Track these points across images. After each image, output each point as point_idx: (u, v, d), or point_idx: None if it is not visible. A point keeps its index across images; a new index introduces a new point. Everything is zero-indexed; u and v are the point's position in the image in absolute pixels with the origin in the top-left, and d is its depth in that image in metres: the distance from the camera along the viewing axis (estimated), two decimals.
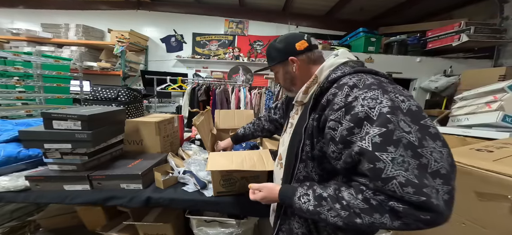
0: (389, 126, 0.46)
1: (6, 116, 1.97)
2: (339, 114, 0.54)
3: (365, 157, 0.47)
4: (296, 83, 0.77)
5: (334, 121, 0.54)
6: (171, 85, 3.15)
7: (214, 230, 1.00)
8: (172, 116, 1.34)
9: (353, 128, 0.50)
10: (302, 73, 0.74)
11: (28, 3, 4.07)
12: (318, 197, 0.56)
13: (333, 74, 0.63)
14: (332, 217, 0.53)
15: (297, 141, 0.66)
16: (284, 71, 0.78)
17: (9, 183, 0.87)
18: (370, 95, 0.51)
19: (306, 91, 0.70)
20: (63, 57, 3.03)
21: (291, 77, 0.77)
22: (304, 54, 0.73)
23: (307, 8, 4.14)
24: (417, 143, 0.45)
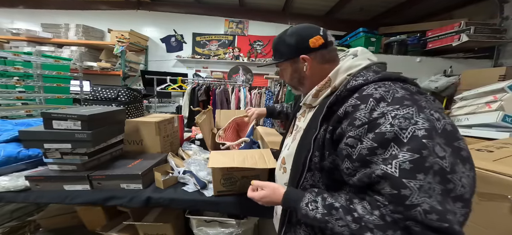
0: (424, 152, 0.41)
1: (6, 116, 1.97)
2: (361, 131, 0.47)
3: (389, 182, 0.43)
4: (304, 83, 0.69)
5: (354, 138, 0.48)
6: (171, 85, 3.15)
7: (214, 230, 1.00)
8: (172, 116, 1.34)
9: (376, 149, 0.45)
10: (313, 74, 0.66)
11: (28, 3, 4.07)
12: (329, 206, 0.52)
13: (354, 81, 0.55)
14: (340, 226, 0.49)
15: (305, 150, 0.60)
16: (292, 70, 0.69)
17: (9, 183, 0.87)
18: (403, 114, 0.44)
19: (316, 95, 0.63)
20: (63, 57, 3.03)
21: (300, 76, 0.69)
22: (318, 52, 0.64)
23: (307, 8, 4.14)
24: (449, 169, 0.41)
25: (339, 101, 0.55)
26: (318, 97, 0.64)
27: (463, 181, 0.42)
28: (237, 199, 0.90)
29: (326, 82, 0.62)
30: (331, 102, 0.56)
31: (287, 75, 0.72)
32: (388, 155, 0.44)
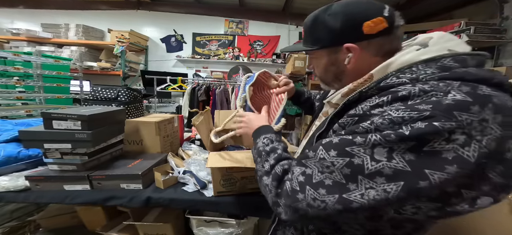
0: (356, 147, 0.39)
1: (6, 116, 1.97)
2: (346, 121, 0.45)
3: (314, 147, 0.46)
4: (342, 81, 0.54)
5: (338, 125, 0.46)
6: (171, 85, 3.15)
7: (214, 230, 1.00)
8: (172, 116, 1.34)
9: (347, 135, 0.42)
10: (358, 69, 0.49)
11: (28, 3, 4.07)
12: (272, 149, 0.56)
13: (394, 79, 0.41)
14: (260, 165, 0.56)
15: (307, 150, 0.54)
16: (328, 61, 0.54)
17: (9, 183, 0.87)
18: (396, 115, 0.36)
19: (348, 94, 0.49)
20: (63, 57, 3.03)
21: (337, 71, 0.54)
22: (374, 40, 0.47)
23: (307, 8, 4.14)
24: (365, 172, 0.37)
25: (359, 99, 0.45)
26: (349, 95, 0.49)
27: (369, 192, 0.36)
28: (237, 199, 0.90)
29: (366, 79, 0.46)
30: (351, 99, 0.46)
31: (320, 67, 0.57)
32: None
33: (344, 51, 0.50)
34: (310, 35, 0.56)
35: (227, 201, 0.90)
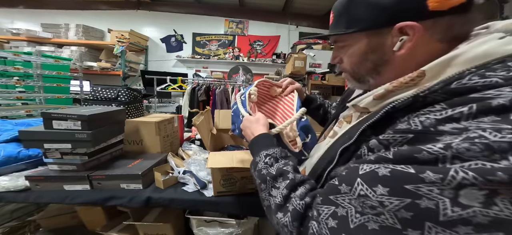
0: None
1: (6, 116, 1.97)
2: (395, 138, 0.32)
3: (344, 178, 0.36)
4: (381, 72, 0.42)
5: (377, 141, 0.35)
6: (171, 85, 3.15)
7: (214, 230, 1.00)
8: (172, 116, 1.34)
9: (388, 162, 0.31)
10: (412, 58, 0.38)
11: (28, 3, 4.07)
12: (281, 172, 0.45)
13: (475, 78, 0.30)
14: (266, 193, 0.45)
15: (326, 161, 0.44)
16: (368, 48, 0.42)
17: (9, 183, 0.87)
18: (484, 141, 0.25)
19: (384, 96, 0.39)
20: (63, 57, 3.03)
21: (379, 60, 0.41)
22: (445, 18, 0.35)
23: (307, 8, 4.15)
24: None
25: (414, 107, 0.33)
26: (384, 98, 0.39)
27: None
28: (237, 199, 0.90)
29: (413, 79, 0.35)
30: (398, 106, 0.35)
31: (354, 56, 0.44)
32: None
33: (395, 33, 0.38)
34: (344, 16, 0.43)
35: (227, 201, 0.90)
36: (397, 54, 0.39)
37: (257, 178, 0.48)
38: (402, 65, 0.39)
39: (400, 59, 0.39)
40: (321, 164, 0.46)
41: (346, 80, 0.51)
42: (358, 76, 0.47)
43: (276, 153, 0.48)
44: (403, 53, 0.38)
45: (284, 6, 4.17)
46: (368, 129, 0.38)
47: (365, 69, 0.44)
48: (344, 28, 0.43)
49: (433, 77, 0.34)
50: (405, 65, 0.39)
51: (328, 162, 0.43)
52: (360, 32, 0.42)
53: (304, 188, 0.42)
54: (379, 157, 0.32)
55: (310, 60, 3.38)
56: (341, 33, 0.44)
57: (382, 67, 0.42)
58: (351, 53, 0.45)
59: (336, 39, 0.48)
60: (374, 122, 0.37)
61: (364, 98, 0.43)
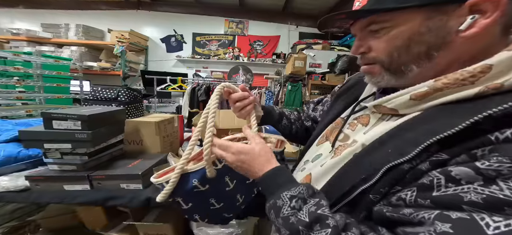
0: None
1: (6, 116, 1.97)
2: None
3: None
4: (433, 59, 0.34)
5: (482, 171, 0.25)
6: (171, 85, 3.15)
7: (214, 230, 1.00)
8: (172, 116, 1.34)
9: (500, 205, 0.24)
10: (479, 42, 0.32)
11: (28, 3, 4.07)
12: (317, 218, 0.33)
13: None
14: None
15: (357, 178, 0.36)
16: (425, 27, 0.33)
17: (9, 183, 0.87)
18: None
19: (428, 95, 0.33)
20: (63, 57, 3.03)
21: (436, 43, 0.33)
22: None
23: (307, 8, 4.15)
24: None
25: (503, 117, 0.26)
26: (427, 99, 0.33)
27: None
28: None
29: (479, 72, 0.30)
30: (497, 115, 0.26)
31: (398, 39, 0.35)
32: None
33: (464, 11, 0.31)
34: None
35: None
36: (463, 35, 0.31)
37: (282, 227, 0.36)
38: (463, 51, 0.32)
39: (464, 43, 0.32)
40: (347, 179, 0.37)
41: (369, 74, 0.42)
42: (397, 65, 0.37)
43: (303, 191, 0.37)
44: (474, 32, 0.31)
45: (284, 6, 4.17)
46: (435, 144, 0.29)
47: (413, 54, 0.35)
48: (393, 3, 0.34)
49: (502, 74, 0.28)
50: (466, 51, 0.32)
51: (362, 180, 0.35)
52: (418, 8, 0.33)
53: (352, 234, 0.32)
54: (493, 199, 0.24)
55: (310, 60, 3.39)
56: (390, 8, 0.34)
57: (438, 51, 0.33)
58: (395, 35, 0.36)
59: (371, 20, 0.37)
60: (448, 135, 0.28)
61: (395, 97, 0.36)
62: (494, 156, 0.25)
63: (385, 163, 0.32)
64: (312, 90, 3.58)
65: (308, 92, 3.48)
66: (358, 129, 0.44)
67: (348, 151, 0.41)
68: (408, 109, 0.36)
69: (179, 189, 0.53)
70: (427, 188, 0.29)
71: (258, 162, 0.44)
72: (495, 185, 0.24)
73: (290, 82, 3.45)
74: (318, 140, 0.55)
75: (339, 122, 0.51)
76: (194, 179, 0.53)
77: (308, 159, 0.53)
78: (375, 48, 0.39)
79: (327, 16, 0.42)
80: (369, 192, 0.34)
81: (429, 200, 0.28)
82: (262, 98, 3.54)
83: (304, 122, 0.77)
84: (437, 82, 0.32)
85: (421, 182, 0.30)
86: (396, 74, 0.38)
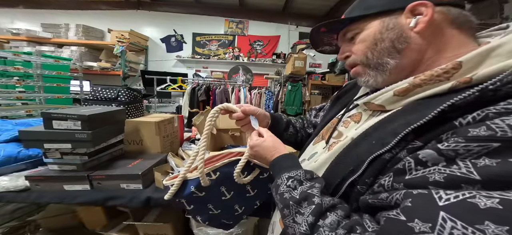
0: None
1: (6, 116, 1.97)
2: (473, 148, 0.26)
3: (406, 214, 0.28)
4: (402, 52, 0.40)
5: (444, 151, 0.28)
6: (171, 85, 3.16)
7: (214, 230, 1.00)
8: (172, 116, 1.34)
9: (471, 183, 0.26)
10: (431, 36, 0.38)
11: (28, 3, 4.07)
12: (306, 195, 0.38)
13: None
14: (292, 221, 0.38)
15: (346, 170, 0.39)
16: (383, 26, 0.41)
17: (9, 183, 0.87)
18: None
19: (409, 90, 0.37)
20: (63, 57, 3.03)
21: (396, 37, 0.40)
22: (451, 5, 0.38)
23: (307, 8, 4.15)
24: None
25: (472, 105, 0.29)
26: (408, 95, 0.37)
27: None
28: None
29: (451, 69, 0.33)
30: (457, 104, 0.30)
31: (368, 40, 0.43)
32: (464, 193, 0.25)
33: (408, 15, 0.39)
34: (358, 7, 0.45)
35: None
36: (414, 30, 0.38)
37: (279, 202, 0.42)
38: (422, 44, 0.39)
39: (420, 38, 0.39)
40: (337, 171, 0.40)
41: (357, 76, 0.48)
42: (374, 61, 0.43)
43: (300, 174, 0.41)
44: (420, 29, 0.38)
45: (284, 6, 4.17)
46: (412, 133, 0.33)
47: (383, 50, 0.41)
48: (358, 12, 0.44)
49: (471, 69, 0.32)
50: (426, 44, 0.39)
51: (350, 171, 0.38)
52: (374, 15, 0.42)
53: (335, 215, 0.35)
54: (452, 178, 0.27)
55: (310, 60, 3.39)
56: (354, 16, 0.44)
57: (402, 44, 0.40)
58: (363, 37, 0.44)
59: (346, 29, 0.47)
60: (425, 124, 0.31)
61: (380, 94, 0.41)
62: (453, 137, 0.28)
63: (369, 154, 0.36)
64: (312, 90, 3.57)
65: (308, 92, 3.48)
66: (351, 126, 0.48)
67: (339, 146, 0.44)
68: (393, 104, 0.40)
69: (182, 192, 0.62)
70: (401, 172, 0.32)
71: (269, 151, 0.51)
72: (455, 165, 0.27)
73: (290, 82, 3.45)
74: (314, 140, 0.58)
75: (335, 121, 0.55)
76: (192, 186, 0.61)
77: (305, 158, 0.56)
78: (353, 51, 0.46)
79: (312, 31, 0.50)
80: (357, 183, 0.37)
81: (402, 183, 0.31)
82: (262, 98, 3.54)
83: (307, 129, 0.80)
84: (416, 79, 0.37)
85: (397, 167, 0.33)
86: (377, 69, 0.43)
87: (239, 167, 0.61)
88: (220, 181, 0.63)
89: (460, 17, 0.38)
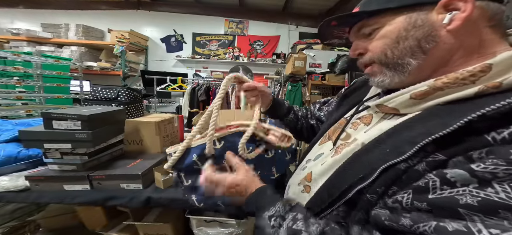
0: None
1: (6, 116, 1.97)
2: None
3: None
4: (428, 52, 0.35)
5: (480, 173, 0.25)
6: (171, 85, 3.15)
7: (214, 230, 1.00)
8: (172, 116, 1.34)
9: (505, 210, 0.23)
10: (457, 44, 0.34)
11: (28, 3, 4.07)
12: (293, 231, 0.37)
13: None
14: None
15: (355, 177, 0.36)
16: (409, 24, 0.35)
17: (9, 183, 0.87)
18: None
19: (427, 94, 0.33)
20: (63, 57, 3.03)
21: (424, 36, 0.35)
22: (486, 0, 0.33)
23: (307, 8, 4.15)
24: None
25: (506, 117, 0.26)
26: (427, 99, 0.34)
27: None
28: None
29: (479, 72, 0.30)
30: (488, 115, 0.26)
31: (388, 37, 0.38)
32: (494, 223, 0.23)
33: (441, 9, 0.34)
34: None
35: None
36: (449, 28, 0.33)
37: None
38: (454, 45, 0.34)
39: (451, 37, 0.33)
40: (345, 177, 0.38)
41: (372, 75, 0.43)
42: (394, 61, 0.38)
43: (279, 210, 0.41)
44: (457, 26, 0.32)
45: (284, 6, 4.16)
46: (434, 143, 0.29)
47: (405, 49, 0.36)
48: (376, 4, 0.38)
49: (502, 72, 0.29)
50: (458, 45, 0.34)
51: (359, 179, 0.35)
52: (399, 10, 0.36)
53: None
54: (487, 203, 0.24)
55: (310, 60, 3.38)
56: (374, 10, 0.38)
57: (430, 44, 0.35)
58: (384, 34, 0.38)
59: (363, 24, 0.41)
60: (443, 135, 0.28)
61: (395, 96, 0.37)
62: (490, 158, 0.25)
63: (382, 162, 0.33)
64: (312, 90, 3.57)
65: (308, 92, 3.48)
66: (360, 128, 0.45)
67: (348, 150, 0.41)
68: (409, 108, 0.36)
69: (182, 162, 0.59)
70: (422, 190, 0.29)
71: (240, 191, 0.49)
72: (491, 188, 0.24)
73: (290, 82, 3.45)
74: (320, 140, 0.56)
75: (342, 122, 0.52)
76: (194, 154, 0.58)
77: (310, 158, 0.54)
78: (370, 48, 0.41)
79: (322, 24, 0.44)
80: (366, 191, 0.35)
81: (425, 202, 0.28)
82: None
83: (309, 120, 0.79)
84: (437, 81, 0.33)
85: (417, 184, 0.30)
86: (396, 69, 0.38)
87: (245, 138, 0.58)
88: (224, 152, 0.59)
89: (499, 13, 0.33)
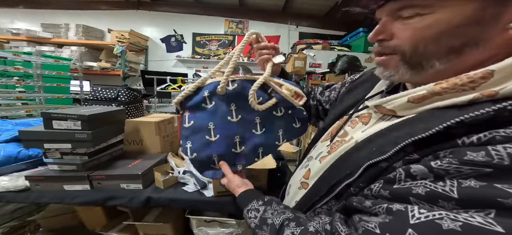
0: None
1: (6, 116, 1.97)
2: (465, 170, 0.25)
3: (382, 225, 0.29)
4: (464, 54, 0.31)
5: (434, 169, 0.27)
6: (171, 85, 3.15)
7: (214, 230, 1.00)
8: (172, 116, 1.34)
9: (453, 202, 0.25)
10: (503, 53, 0.29)
11: (28, 3, 4.06)
12: (262, 220, 0.46)
13: None
14: None
15: (343, 173, 0.38)
16: (474, 17, 0.29)
17: (9, 183, 0.87)
18: None
19: (425, 98, 0.32)
20: (63, 57, 3.03)
21: (477, 37, 0.29)
22: None
23: (307, 8, 4.14)
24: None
25: (484, 124, 0.26)
26: (424, 102, 0.33)
27: None
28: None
29: (479, 78, 0.28)
30: (469, 121, 0.27)
31: (433, 27, 0.31)
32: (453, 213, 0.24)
33: None
34: None
35: (227, 201, 0.90)
36: (506, 35, 0.28)
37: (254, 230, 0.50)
38: (499, 53, 0.29)
39: (507, 42, 0.29)
40: (335, 173, 0.40)
41: (384, 67, 0.38)
42: (419, 58, 0.33)
43: (254, 204, 0.52)
44: (501, 35, 0.28)
45: (284, 6, 4.16)
46: (412, 145, 0.31)
47: (442, 48, 0.31)
48: None
49: (501, 81, 0.27)
50: (503, 52, 0.29)
51: (347, 175, 0.37)
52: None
53: (288, 228, 0.40)
54: (433, 193, 0.26)
55: (310, 60, 3.38)
56: None
57: (473, 47, 0.30)
58: (430, 24, 0.31)
59: (409, 3, 0.32)
60: (426, 138, 0.29)
61: (394, 99, 0.36)
62: (449, 157, 0.27)
63: (367, 160, 0.35)
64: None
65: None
66: (357, 127, 0.45)
67: (342, 148, 0.43)
68: (405, 111, 0.36)
69: (191, 99, 0.60)
70: (390, 181, 0.32)
71: (233, 188, 0.64)
72: (442, 182, 0.26)
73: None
74: (323, 137, 0.56)
75: (345, 119, 0.52)
76: (206, 90, 0.60)
77: (312, 155, 0.54)
78: (399, 35, 0.35)
79: None
80: (350, 186, 0.37)
81: (388, 191, 0.31)
82: None
83: (310, 100, 0.80)
84: (437, 86, 0.31)
85: (388, 176, 0.32)
86: (414, 68, 0.35)
87: (256, 85, 0.61)
88: (233, 95, 0.62)
89: None
